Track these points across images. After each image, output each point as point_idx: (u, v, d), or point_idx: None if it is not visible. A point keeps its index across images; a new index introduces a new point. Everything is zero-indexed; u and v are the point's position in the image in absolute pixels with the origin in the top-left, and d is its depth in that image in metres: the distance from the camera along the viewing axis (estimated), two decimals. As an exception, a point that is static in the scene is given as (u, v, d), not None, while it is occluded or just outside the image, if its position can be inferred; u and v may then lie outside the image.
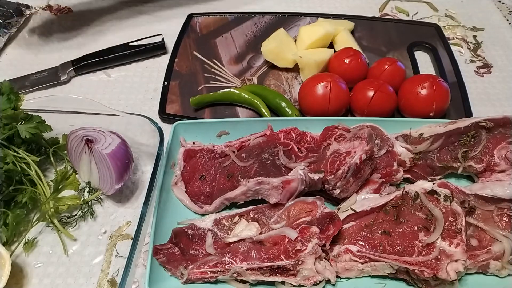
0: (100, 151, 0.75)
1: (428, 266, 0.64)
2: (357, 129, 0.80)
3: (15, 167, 0.77)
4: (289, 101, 0.92)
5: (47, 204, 0.77)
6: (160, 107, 0.96)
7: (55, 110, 0.87)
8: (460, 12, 1.16)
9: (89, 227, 0.80)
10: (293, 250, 0.67)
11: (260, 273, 0.68)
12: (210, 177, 0.81)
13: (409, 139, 0.82)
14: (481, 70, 1.03)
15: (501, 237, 0.69)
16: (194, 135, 0.86)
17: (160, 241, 0.73)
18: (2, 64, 1.09)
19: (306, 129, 0.84)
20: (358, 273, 0.70)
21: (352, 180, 0.74)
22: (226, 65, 1.04)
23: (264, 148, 0.79)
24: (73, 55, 1.09)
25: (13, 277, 0.73)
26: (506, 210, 0.71)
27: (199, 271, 0.69)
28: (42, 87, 1.03)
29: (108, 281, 0.74)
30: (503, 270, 0.69)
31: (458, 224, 0.67)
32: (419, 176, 0.80)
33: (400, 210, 0.72)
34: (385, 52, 1.04)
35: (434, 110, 0.85)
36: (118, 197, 0.84)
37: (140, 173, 0.87)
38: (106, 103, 0.94)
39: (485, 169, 0.77)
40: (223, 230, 0.75)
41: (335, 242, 0.71)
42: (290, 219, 0.72)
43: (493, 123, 0.77)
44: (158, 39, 1.07)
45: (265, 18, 1.13)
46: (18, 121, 0.81)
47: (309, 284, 0.67)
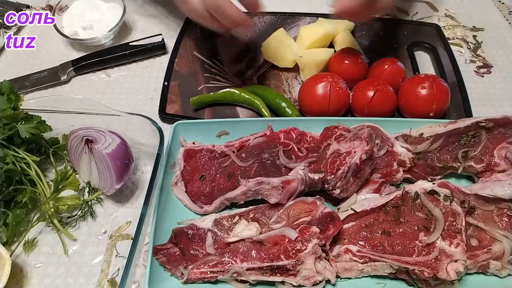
0: (100, 151, 0.75)
1: (428, 266, 0.64)
2: (357, 129, 0.80)
3: (15, 167, 0.77)
4: (289, 101, 0.92)
5: (47, 204, 0.77)
6: (160, 107, 0.96)
7: (55, 110, 0.87)
8: (460, 12, 1.16)
9: (89, 227, 0.80)
10: (293, 250, 0.67)
11: (260, 273, 0.68)
12: (210, 177, 0.81)
13: (409, 139, 0.82)
14: (481, 70, 1.03)
15: (501, 237, 0.69)
16: (194, 135, 0.86)
17: (160, 241, 0.73)
18: (2, 64, 1.10)
19: (306, 129, 0.84)
20: (358, 273, 0.70)
21: (352, 180, 0.74)
22: (226, 65, 1.04)
23: (264, 148, 0.79)
24: (73, 55, 1.09)
25: (13, 277, 0.73)
26: (506, 210, 0.71)
27: (199, 271, 0.69)
28: (42, 87, 1.03)
29: (108, 281, 0.74)
30: (503, 270, 0.69)
31: (458, 224, 0.67)
32: (419, 176, 0.80)
33: (400, 210, 0.72)
34: (385, 52, 1.04)
35: (434, 110, 0.84)
36: (118, 197, 0.84)
37: (140, 173, 0.87)
38: (106, 103, 0.94)
39: (485, 169, 0.77)
40: (223, 230, 0.75)
41: (335, 242, 0.71)
42: (290, 219, 0.72)
43: (493, 123, 0.77)
44: (158, 39, 1.07)
45: (265, 18, 1.12)
46: (18, 121, 0.81)
47: (309, 284, 0.67)
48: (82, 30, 1.09)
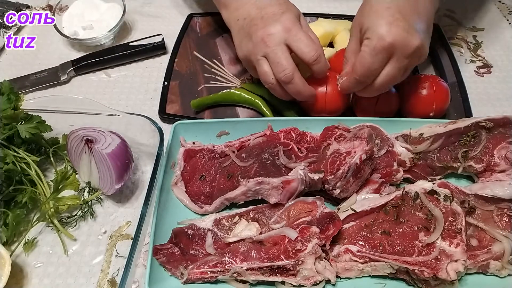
0: (100, 151, 0.75)
1: (428, 266, 0.64)
2: (357, 129, 0.80)
3: (15, 167, 0.77)
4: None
5: (47, 204, 0.77)
6: (160, 107, 0.96)
7: (55, 110, 0.87)
8: (460, 12, 1.16)
9: (89, 227, 0.80)
10: (293, 250, 0.67)
11: (260, 273, 0.68)
12: (210, 177, 0.81)
13: (409, 139, 0.82)
14: (481, 70, 1.03)
15: (501, 237, 0.69)
16: (194, 135, 0.86)
17: (160, 241, 0.73)
18: (2, 64, 1.09)
19: (306, 129, 0.84)
20: (358, 273, 0.70)
21: (352, 180, 0.74)
22: (226, 65, 1.04)
23: (264, 148, 0.79)
24: (73, 55, 1.09)
25: (13, 277, 0.73)
26: (506, 210, 0.71)
27: (199, 271, 0.69)
28: (42, 87, 1.03)
29: (108, 281, 0.74)
30: (503, 270, 0.69)
31: (458, 224, 0.67)
32: (419, 176, 0.80)
33: (400, 210, 0.72)
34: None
35: (434, 110, 0.84)
36: (118, 197, 0.84)
37: (140, 173, 0.87)
38: (106, 103, 0.94)
39: (485, 169, 0.77)
40: (223, 230, 0.75)
41: (335, 242, 0.71)
42: (290, 219, 0.72)
43: (493, 123, 0.77)
44: (158, 39, 1.07)
45: (265, 18, 1.12)
46: (18, 121, 0.80)
47: (309, 284, 0.67)
48: (82, 30, 1.09)
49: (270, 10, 0.81)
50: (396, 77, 0.76)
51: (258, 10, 0.82)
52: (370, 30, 0.72)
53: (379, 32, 0.70)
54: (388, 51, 0.71)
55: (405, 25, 0.71)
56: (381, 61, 0.72)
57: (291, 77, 0.77)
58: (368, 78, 0.75)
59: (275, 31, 0.78)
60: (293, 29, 0.78)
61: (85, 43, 1.09)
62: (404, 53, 0.71)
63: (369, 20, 0.73)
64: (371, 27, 0.72)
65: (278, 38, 0.78)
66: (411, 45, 0.71)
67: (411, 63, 0.75)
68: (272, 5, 0.82)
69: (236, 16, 0.86)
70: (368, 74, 0.74)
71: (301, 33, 0.78)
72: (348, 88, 0.80)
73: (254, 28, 0.81)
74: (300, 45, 0.77)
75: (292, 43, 0.78)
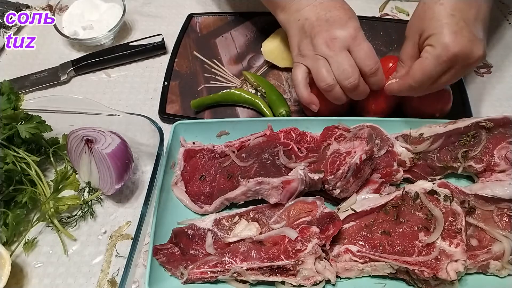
0: (100, 151, 0.75)
1: (428, 266, 0.64)
2: (357, 129, 0.80)
3: (15, 167, 0.77)
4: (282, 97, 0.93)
5: (47, 204, 0.77)
6: (160, 107, 0.96)
7: (55, 110, 0.87)
8: (460, 12, 1.16)
9: (89, 227, 0.80)
10: (293, 250, 0.67)
11: (260, 273, 0.68)
12: (210, 177, 0.81)
13: (409, 139, 0.81)
14: (481, 70, 1.03)
15: (501, 237, 0.69)
16: (194, 135, 0.86)
17: (160, 241, 0.73)
18: (2, 64, 1.09)
19: (306, 129, 0.84)
20: (358, 273, 0.70)
21: (352, 180, 0.74)
22: (226, 65, 1.04)
23: (264, 148, 0.79)
24: (73, 55, 1.09)
25: (13, 277, 0.73)
26: (506, 210, 0.71)
27: (199, 271, 0.69)
28: (42, 87, 1.03)
29: (108, 281, 0.74)
30: (503, 270, 0.69)
31: (458, 224, 0.67)
32: (419, 176, 0.80)
33: (400, 210, 0.72)
34: (385, 52, 1.04)
35: (435, 111, 0.84)
36: (118, 197, 0.84)
37: (140, 173, 0.87)
38: (106, 103, 0.94)
39: (485, 169, 0.77)
40: (223, 230, 0.75)
41: (335, 242, 0.71)
42: (290, 219, 0.72)
43: (493, 123, 0.77)
44: (158, 39, 1.07)
45: (265, 18, 1.12)
46: (18, 121, 0.81)
47: (309, 284, 0.67)
48: (82, 30, 1.09)
49: (336, 14, 0.80)
50: (451, 83, 0.75)
51: (323, 12, 0.80)
52: (433, 37, 0.70)
53: (444, 41, 0.69)
54: (452, 60, 0.69)
55: (470, 35, 0.69)
56: (442, 70, 0.71)
57: (357, 84, 0.76)
58: (424, 85, 0.73)
59: (340, 36, 0.77)
60: (358, 37, 0.77)
61: (85, 43, 1.09)
62: (466, 63, 0.70)
63: (431, 27, 0.71)
64: (435, 35, 0.70)
65: (343, 43, 0.77)
66: (475, 56, 0.70)
67: (470, 70, 0.74)
68: (337, 8, 0.81)
69: (297, 17, 0.84)
70: (426, 81, 0.73)
71: (365, 43, 0.77)
72: (398, 91, 0.78)
73: (318, 29, 0.79)
74: (361, 55, 0.76)
75: (355, 51, 0.77)
